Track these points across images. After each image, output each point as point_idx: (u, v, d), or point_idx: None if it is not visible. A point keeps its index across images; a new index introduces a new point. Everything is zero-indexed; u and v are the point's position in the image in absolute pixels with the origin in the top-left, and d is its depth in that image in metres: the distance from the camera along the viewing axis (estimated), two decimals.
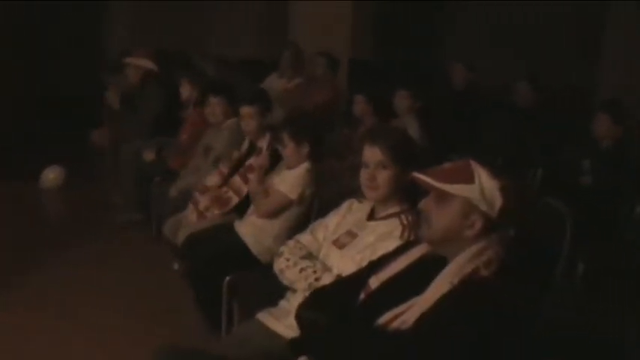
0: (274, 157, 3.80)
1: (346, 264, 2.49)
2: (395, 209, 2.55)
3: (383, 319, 1.95)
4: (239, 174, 4.02)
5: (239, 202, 3.94)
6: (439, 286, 1.90)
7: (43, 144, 6.92)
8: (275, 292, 2.75)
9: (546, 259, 2.91)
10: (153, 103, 5.73)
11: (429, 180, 1.98)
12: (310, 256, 2.66)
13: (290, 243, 2.74)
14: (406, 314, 1.91)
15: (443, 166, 2.04)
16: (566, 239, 2.93)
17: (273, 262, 2.75)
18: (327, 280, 2.49)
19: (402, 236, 2.45)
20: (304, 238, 2.74)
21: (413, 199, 2.34)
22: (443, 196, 1.97)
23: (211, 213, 3.99)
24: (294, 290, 2.64)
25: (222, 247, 3.56)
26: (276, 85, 6.02)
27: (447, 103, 6.03)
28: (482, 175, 1.96)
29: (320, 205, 3.33)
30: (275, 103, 4.55)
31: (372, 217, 2.60)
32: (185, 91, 5.36)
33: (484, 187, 1.94)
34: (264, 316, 2.64)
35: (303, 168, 3.48)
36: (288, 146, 3.48)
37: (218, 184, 4.14)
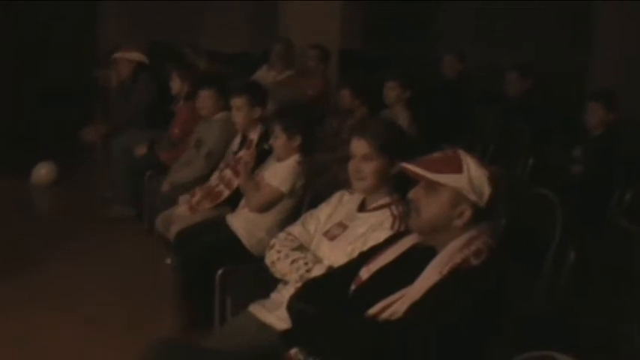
0: (263, 153, 3.80)
1: (337, 255, 2.49)
2: (385, 200, 2.56)
3: (374, 309, 1.96)
4: (230, 167, 4.01)
5: (230, 194, 3.93)
6: (429, 277, 1.91)
7: (34, 140, 6.90)
8: (267, 284, 2.75)
9: (537, 247, 2.92)
10: (144, 95, 5.72)
11: (417, 170, 1.99)
12: (301, 248, 2.66)
13: (281, 235, 2.74)
14: (396, 304, 1.92)
15: (432, 156, 2.04)
16: (557, 227, 2.93)
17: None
18: (318, 272, 2.50)
19: (392, 227, 2.46)
20: (295, 230, 2.75)
21: (404, 189, 2.34)
22: (432, 186, 1.97)
23: (202, 207, 3.98)
24: (285, 282, 2.65)
25: (214, 241, 3.55)
26: (267, 78, 6.02)
27: (438, 93, 6.04)
28: (471, 165, 1.96)
29: (311, 197, 3.33)
30: None
31: (362, 208, 2.61)
32: (175, 85, 5.35)
33: (473, 176, 1.94)
34: (256, 308, 2.64)
35: (293, 160, 3.47)
36: (279, 138, 3.47)
37: (217, 182, 4.12)
